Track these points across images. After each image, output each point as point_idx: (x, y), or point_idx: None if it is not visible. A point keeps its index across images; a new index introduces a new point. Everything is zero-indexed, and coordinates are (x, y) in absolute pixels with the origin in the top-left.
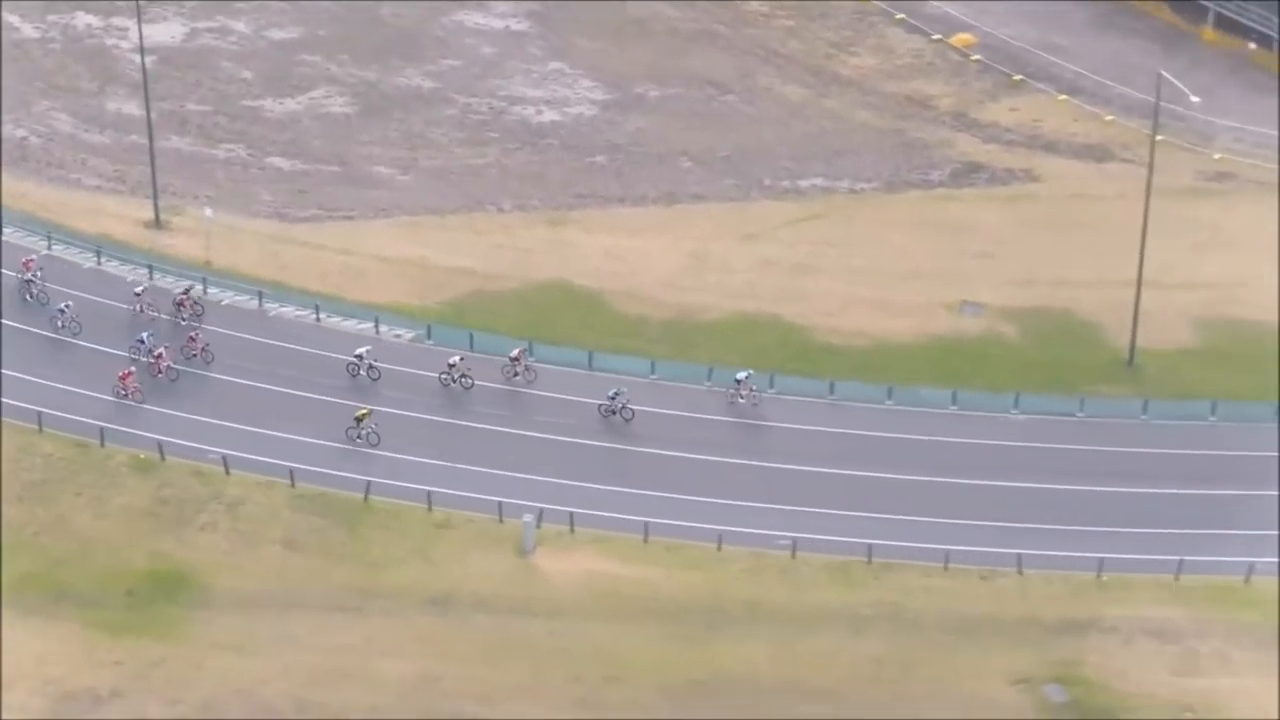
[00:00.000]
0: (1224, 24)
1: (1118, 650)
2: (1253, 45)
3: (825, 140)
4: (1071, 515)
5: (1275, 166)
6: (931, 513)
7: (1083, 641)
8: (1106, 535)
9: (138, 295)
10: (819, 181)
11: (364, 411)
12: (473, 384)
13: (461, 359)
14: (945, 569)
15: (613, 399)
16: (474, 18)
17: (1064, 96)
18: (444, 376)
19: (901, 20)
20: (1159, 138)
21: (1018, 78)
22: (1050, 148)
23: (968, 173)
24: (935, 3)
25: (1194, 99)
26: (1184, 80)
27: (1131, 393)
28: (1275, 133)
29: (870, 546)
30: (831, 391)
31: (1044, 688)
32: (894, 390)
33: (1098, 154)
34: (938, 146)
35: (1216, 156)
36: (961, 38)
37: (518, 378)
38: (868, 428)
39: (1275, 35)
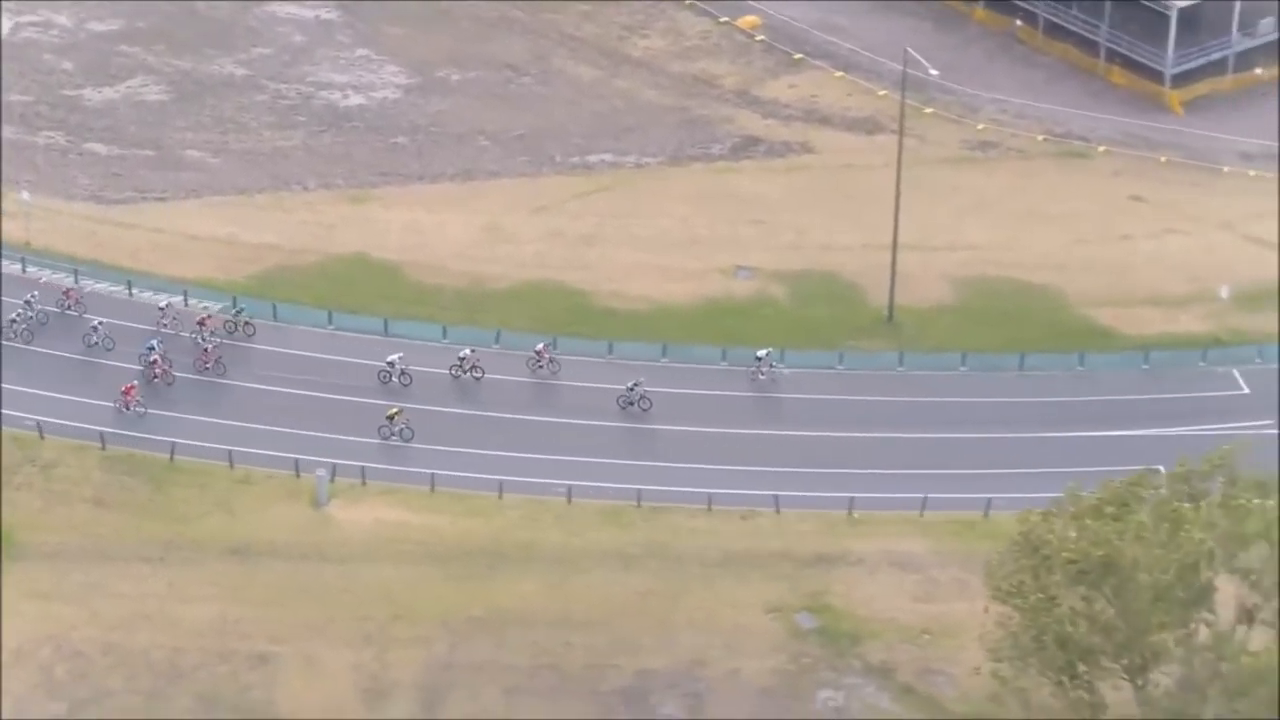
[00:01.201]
0: (994, 3)
1: (864, 580)
2: (1019, 22)
3: (615, 118)
4: (827, 459)
5: (1034, 135)
6: (698, 460)
7: (832, 573)
8: (859, 477)
9: (161, 310)
10: (607, 157)
11: (395, 410)
12: (483, 375)
13: (472, 351)
14: (709, 510)
15: (631, 389)
16: (286, 8)
17: (840, 73)
18: (454, 370)
19: (691, 4)
20: (928, 110)
21: (798, 56)
22: (825, 121)
23: (747, 146)
24: None
25: (933, 72)
26: (955, 57)
27: (889, 347)
28: (1035, 103)
29: (640, 491)
30: (610, 351)
31: (795, 615)
32: (669, 348)
33: (869, 126)
34: (720, 122)
35: (980, 127)
36: (747, 20)
37: (542, 369)
38: (645, 384)
39: (1039, 13)
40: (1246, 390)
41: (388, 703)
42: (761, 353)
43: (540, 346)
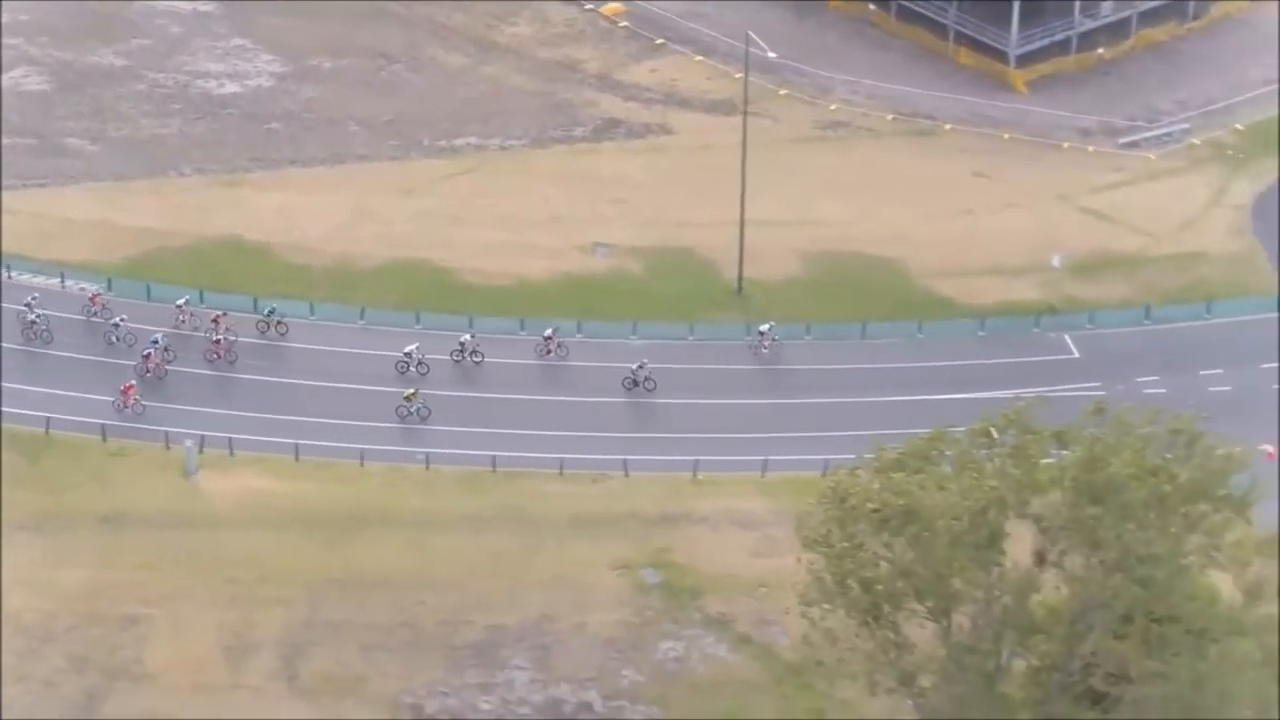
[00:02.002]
0: None
1: (706, 537)
2: (872, 6)
3: (481, 103)
4: (675, 424)
5: (884, 115)
6: (554, 427)
7: (676, 531)
8: (705, 441)
9: (179, 307)
10: (473, 140)
11: (411, 391)
12: (483, 360)
13: (472, 336)
14: (561, 474)
15: (636, 370)
16: (165, 2)
17: (700, 58)
18: (455, 354)
19: None
20: (782, 92)
21: (660, 42)
22: (684, 104)
23: (608, 128)
24: None
25: (771, 55)
26: (811, 41)
27: (738, 318)
28: (886, 84)
29: (495, 458)
30: (471, 325)
31: (640, 572)
32: (526, 322)
33: (726, 108)
34: (583, 106)
35: (833, 107)
36: (611, 7)
37: (550, 355)
38: (504, 356)
39: None
40: (1076, 354)
41: (250, 659)
42: (764, 327)
43: (549, 332)
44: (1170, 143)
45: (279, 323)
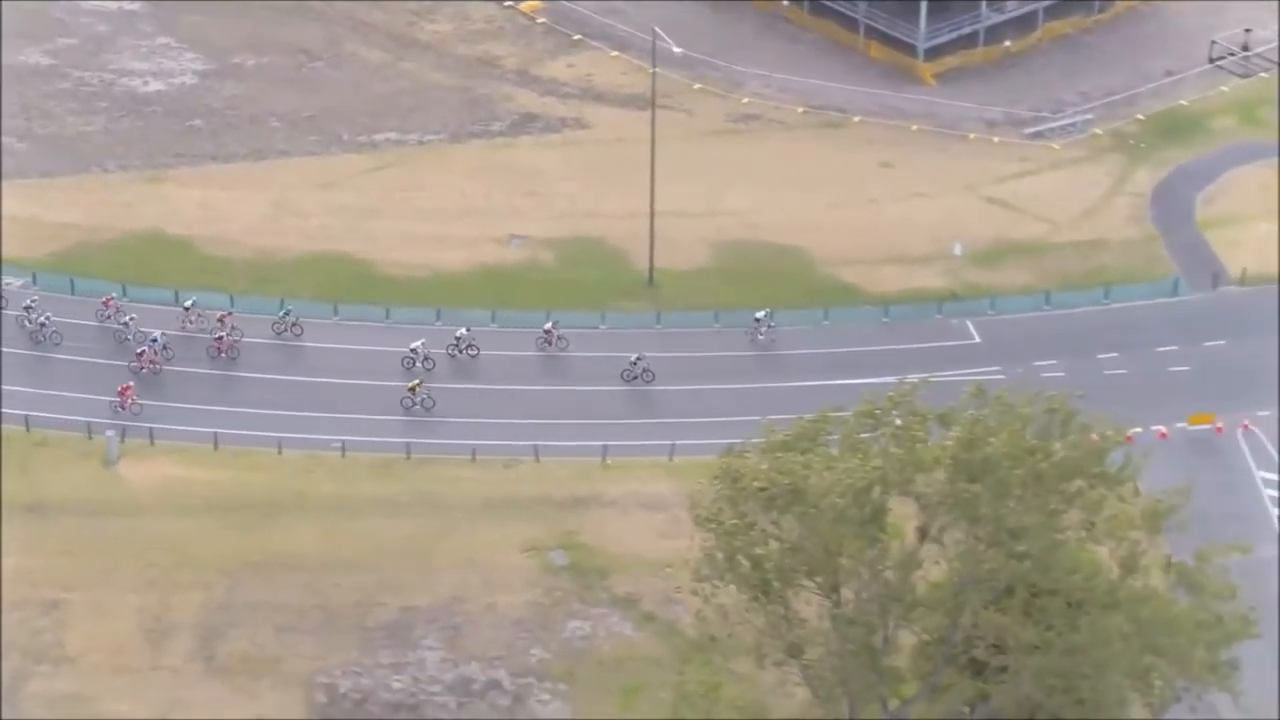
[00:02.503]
0: None
1: (615, 520)
2: (785, 1)
3: (401, 99)
4: (586, 411)
5: (795, 107)
6: (467, 414)
7: (585, 514)
8: (615, 426)
9: (186, 309)
10: (392, 135)
11: (415, 383)
12: (478, 354)
13: (468, 330)
14: (473, 460)
15: (634, 364)
16: (91, 0)
17: (616, 53)
18: (450, 349)
19: None
20: (696, 86)
21: (577, 37)
22: (600, 98)
23: (525, 122)
24: None
25: (676, 50)
26: (726, 35)
27: (649, 307)
28: (798, 78)
29: (409, 445)
30: (388, 316)
31: (549, 554)
32: (442, 312)
33: (640, 102)
34: (500, 100)
35: (745, 101)
36: (530, 4)
37: (550, 346)
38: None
39: None
40: (978, 339)
41: (169, 641)
42: (760, 314)
43: (549, 325)
44: (1074, 133)
45: (294, 324)
